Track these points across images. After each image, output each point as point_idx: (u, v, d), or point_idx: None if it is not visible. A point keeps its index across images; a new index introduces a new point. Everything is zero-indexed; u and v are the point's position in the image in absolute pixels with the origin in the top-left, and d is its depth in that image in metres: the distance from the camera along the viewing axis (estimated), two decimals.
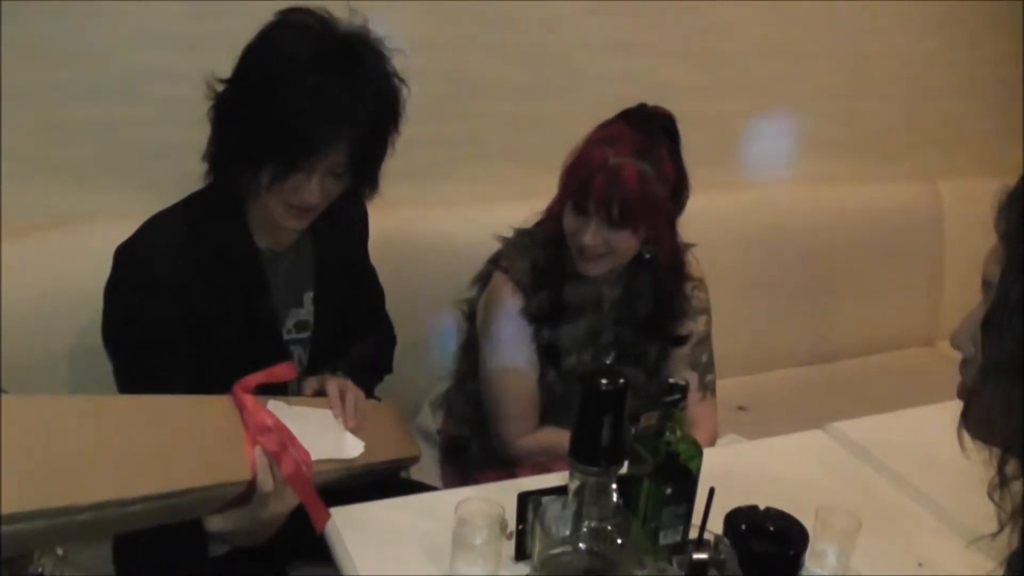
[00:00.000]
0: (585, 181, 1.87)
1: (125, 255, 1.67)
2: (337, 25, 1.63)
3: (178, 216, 1.73)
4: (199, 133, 1.68)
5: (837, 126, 3.24)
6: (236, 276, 1.73)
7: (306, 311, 1.86)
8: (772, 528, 1.49)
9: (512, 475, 1.92)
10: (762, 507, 1.52)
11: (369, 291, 2.08)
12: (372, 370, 2.03)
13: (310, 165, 1.61)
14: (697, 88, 2.87)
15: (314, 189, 1.63)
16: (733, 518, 1.48)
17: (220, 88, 1.65)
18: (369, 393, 1.88)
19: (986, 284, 1.12)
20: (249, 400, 1.49)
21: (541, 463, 2.00)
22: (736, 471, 1.62)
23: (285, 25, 1.63)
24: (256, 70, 1.61)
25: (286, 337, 1.83)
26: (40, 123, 2.13)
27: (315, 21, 1.62)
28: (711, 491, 1.39)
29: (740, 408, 2.71)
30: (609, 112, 1.97)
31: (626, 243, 1.92)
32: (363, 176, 1.70)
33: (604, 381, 1.31)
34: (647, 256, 1.99)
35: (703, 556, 1.33)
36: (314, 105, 1.55)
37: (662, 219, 1.94)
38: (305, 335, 1.87)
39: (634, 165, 1.85)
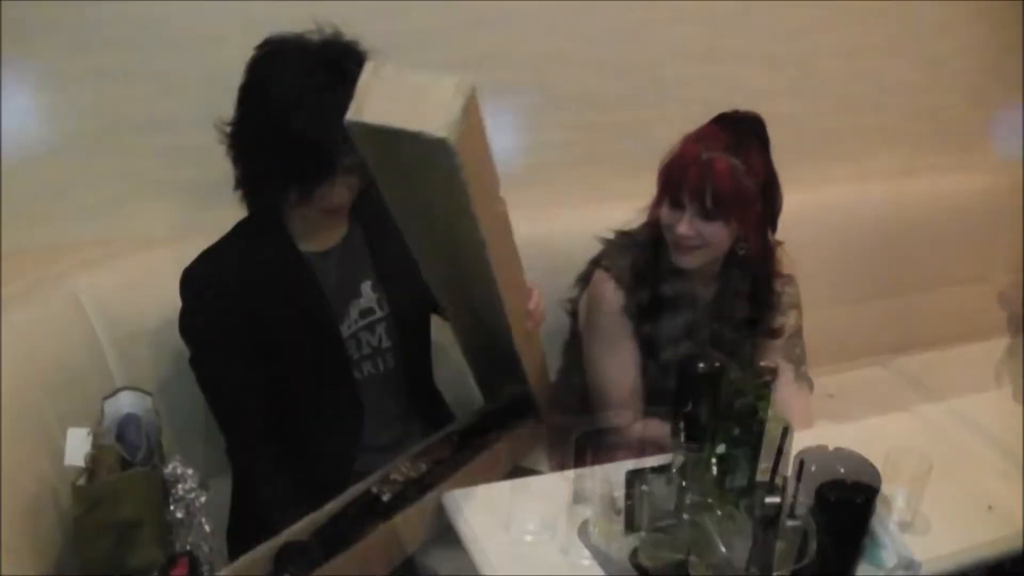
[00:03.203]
0: (679, 175, 1.95)
1: (187, 285, 1.85)
2: (311, 40, 1.76)
3: (228, 242, 1.90)
4: None
5: (915, 120, 3.26)
6: (287, 284, 1.89)
7: (367, 299, 1.98)
8: (843, 470, 1.46)
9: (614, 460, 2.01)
10: (831, 447, 1.51)
11: None
12: None
13: (330, 176, 1.77)
14: (778, 90, 2.93)
15: (340, 192, 1.81)
16: (804, 459, 1.43)
17: (228, 129, 1.82)
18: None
19: None
20: None
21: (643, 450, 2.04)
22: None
23: (271, 59, 1.77)
24: (259, 105, 1.76)
25: (351, 329, 1.96)
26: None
27: (293, 45, 1.75)
28: (785, 430, 1.39)
29: (830, 396, 2.71)
30: (695, 116, 2.02)
31: (719, 235, 1.97)
32: None
33: (701, 364, 1.41)
34: (740, 252, 2.05)
35: (775, 500, 1.30)
36: (315, 123, 1.68)
37: (753, 214, 1.98)
38: (371, 319, 1.99)
39: (724, 159, 1.90)
